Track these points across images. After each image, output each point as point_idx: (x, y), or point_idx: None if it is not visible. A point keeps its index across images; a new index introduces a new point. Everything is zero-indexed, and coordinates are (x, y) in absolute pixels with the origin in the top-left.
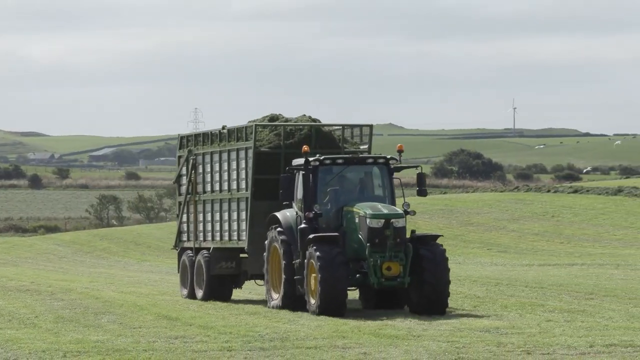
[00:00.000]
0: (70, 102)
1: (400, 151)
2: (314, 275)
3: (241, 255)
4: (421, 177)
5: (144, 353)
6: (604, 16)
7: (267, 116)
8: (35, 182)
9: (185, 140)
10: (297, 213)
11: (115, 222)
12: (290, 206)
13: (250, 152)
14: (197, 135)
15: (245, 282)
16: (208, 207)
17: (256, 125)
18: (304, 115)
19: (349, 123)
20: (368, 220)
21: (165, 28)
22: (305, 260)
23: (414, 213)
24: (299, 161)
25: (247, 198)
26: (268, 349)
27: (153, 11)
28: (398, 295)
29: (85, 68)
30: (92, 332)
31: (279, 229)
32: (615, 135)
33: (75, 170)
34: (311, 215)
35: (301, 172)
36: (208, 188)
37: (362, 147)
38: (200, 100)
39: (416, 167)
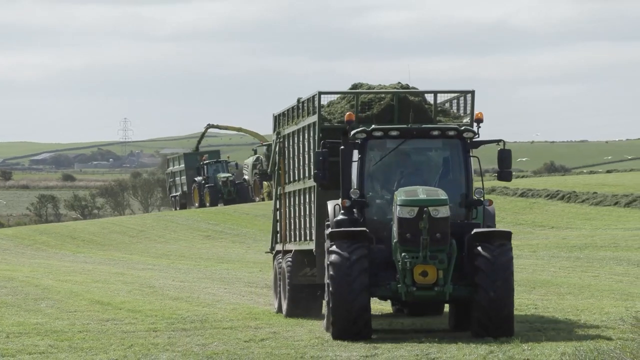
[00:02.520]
0: (12, 112)
1: (478, 120)
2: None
3: None
4: (504, 155)
5: (79, 334)
6: (483, 40)
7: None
8: None
9: (277, 121)
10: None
11: (53, 219)
12: None
13: (316, 129)
14: (283, 114)
15: None
16: (290, 200)
17: (320, 93)
18: (399, 83)
19: (444, 89)
20: (398, 209)
21: (98, 47)
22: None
23: (490, 203)
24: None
25: (314, 187)
26: (189, 329)
27: (86, 32)
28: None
29: (26, 82)
30: (32, 315)
31: (328, 223)
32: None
33: (17, 173)
34: (348, 203)
35: (341, 148)
36: (291, 177)
37: (465, 120)
38: (129, 111)
39: (497, 142)
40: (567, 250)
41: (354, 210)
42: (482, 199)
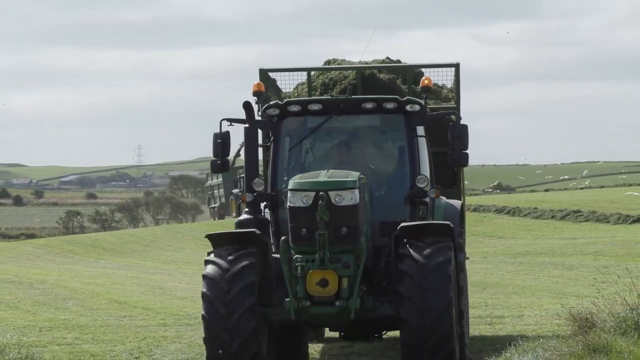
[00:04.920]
0: (44, 141)
1: (426, 89)
2: None
3: None
4: (459, 132)
5: (100, 328)
6: None
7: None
8: (18, 201)
9: None
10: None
11: (78, 231)
12: None
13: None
14: None
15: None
16: None
17: (262, 70)
18: (387, 58)
19: (422, 63)
20: (289, 196)
21: (116, 85)
22: None
23: (436, 194)
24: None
25: None
26: (194, 324)
27: (107, 73)
28: None
29: (56, 115)
30: (61, 312)
31: None
32: None
33: (48, 192)
34: (250, 197)
35: (245, 127)
36: None
37: (451, 103)
38: (143, 140)
39: (450, 114)
40: (512, 256)
41: (266, 208)
42: (425, 188)
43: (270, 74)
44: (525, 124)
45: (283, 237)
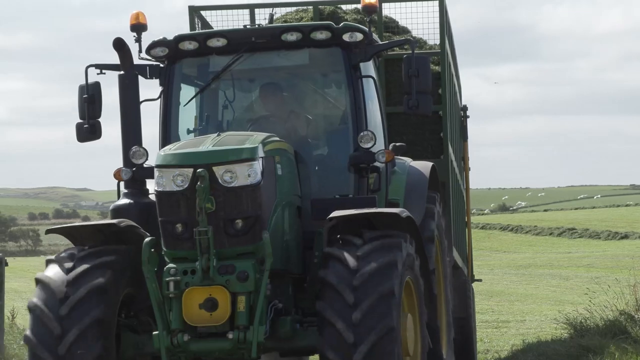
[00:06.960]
0: (108, 169)
1: (369, 7)
2: None
3: None
4: (416, 67)
5: None
6: None
7: None
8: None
9: None
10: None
11: None
12: None
13: None
14: None
15: None
16: None
17: (192, 8)
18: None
19: None
20: (156, 176)
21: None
22: None
23: (389, 157)
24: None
25: None
26: None
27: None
28: None
29: (118, 147)
30: None
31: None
32: None
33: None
34: (127, 174)
35: (119, 75)
36: None
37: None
38: None
39: (404, 43)
40: (515, 268)
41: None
42: (372, 149)
43: (203, 13)
44: (527, 153)
45: (147, 239)
